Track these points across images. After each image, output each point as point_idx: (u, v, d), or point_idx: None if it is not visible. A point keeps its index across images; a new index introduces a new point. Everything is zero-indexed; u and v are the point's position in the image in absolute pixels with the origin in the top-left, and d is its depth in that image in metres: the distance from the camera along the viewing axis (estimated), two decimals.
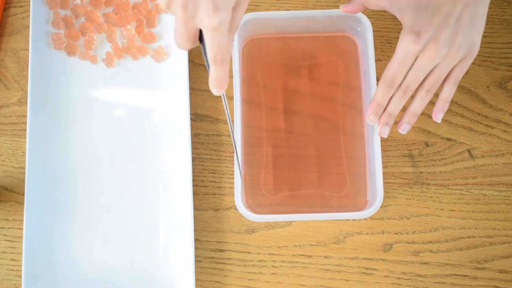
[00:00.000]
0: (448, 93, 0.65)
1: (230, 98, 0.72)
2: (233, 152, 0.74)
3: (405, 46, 0.61)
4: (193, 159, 0.73)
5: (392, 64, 0.62)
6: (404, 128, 0.66)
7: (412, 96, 0.64)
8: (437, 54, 0.61)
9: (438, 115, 0.66)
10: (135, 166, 0.73)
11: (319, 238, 0.71)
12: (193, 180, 0.71)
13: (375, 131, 0.67)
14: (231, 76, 0.69)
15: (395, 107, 0.64)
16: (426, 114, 0.74)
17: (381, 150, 0.68)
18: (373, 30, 0.73)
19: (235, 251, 0.71)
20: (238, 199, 0.67)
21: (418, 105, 0.65)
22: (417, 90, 0.64)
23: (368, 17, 0.71)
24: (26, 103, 0.74)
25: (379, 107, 0.64)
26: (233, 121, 0.69)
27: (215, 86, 0.55)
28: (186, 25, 0.52)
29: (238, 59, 0.71)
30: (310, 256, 0.71)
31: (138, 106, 0.74)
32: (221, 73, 0.54)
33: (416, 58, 0.61)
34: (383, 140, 0.73)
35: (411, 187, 0.73)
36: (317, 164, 0.72)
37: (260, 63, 0.74)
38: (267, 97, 0.74)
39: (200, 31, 0.53)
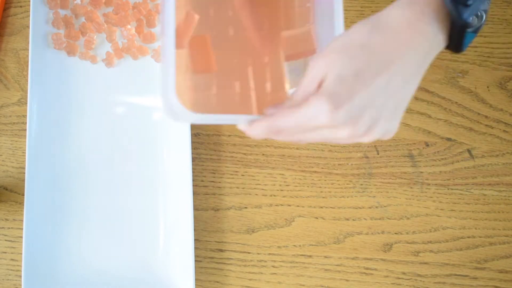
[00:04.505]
0: None
1: None
2: (233, 152, 0.74)
3: (314, 114, 0.46)
4: (193, 159, 0.73)
5: (287, 119, 0.47)
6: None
7: None
8: (349, 139, 0.48)
9: None
10: (135, 166, 0.73)
11: (319, 238, 0.71)
12: (193, 180, 0.71)
13: None
14: None
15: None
16: (426, 114, 0.74)
17: (381, 150, 0.68)
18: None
19: (235, 251, 0.71)
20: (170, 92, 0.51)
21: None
22: None
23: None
24: (26, 103, 0.74)
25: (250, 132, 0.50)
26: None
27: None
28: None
29: None
30: (310, 256, 0.71)
31: (138, 106, 0.74)
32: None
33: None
34: (383, 140, 0.73)
35: (411, 187, 0.73)
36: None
37: None
38: None
39: None
